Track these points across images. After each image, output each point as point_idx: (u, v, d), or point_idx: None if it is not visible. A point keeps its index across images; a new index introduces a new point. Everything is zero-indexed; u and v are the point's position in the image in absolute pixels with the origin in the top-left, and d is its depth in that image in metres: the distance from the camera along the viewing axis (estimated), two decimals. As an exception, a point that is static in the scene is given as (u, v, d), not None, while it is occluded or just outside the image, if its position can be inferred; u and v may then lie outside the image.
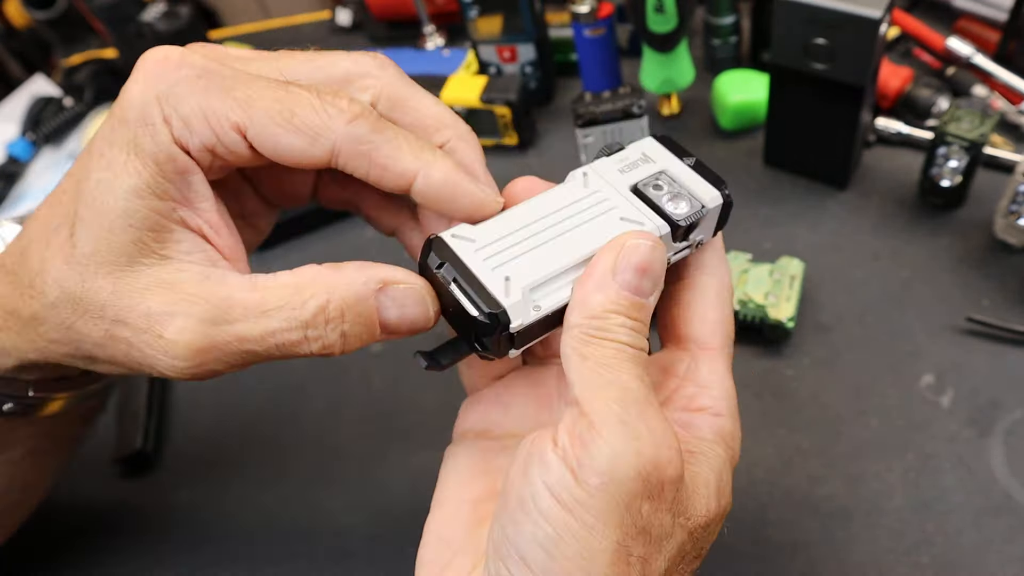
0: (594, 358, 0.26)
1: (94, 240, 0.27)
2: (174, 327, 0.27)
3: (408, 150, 0.28)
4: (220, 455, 0.55)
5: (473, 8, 0.70)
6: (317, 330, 0.28)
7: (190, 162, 0.28)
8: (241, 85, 0.27)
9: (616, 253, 0.27)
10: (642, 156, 0.31)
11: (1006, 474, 0.46)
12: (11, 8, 1.07)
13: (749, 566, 0.45)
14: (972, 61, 0.65)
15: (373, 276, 0.28)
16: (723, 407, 0.30)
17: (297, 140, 0.27)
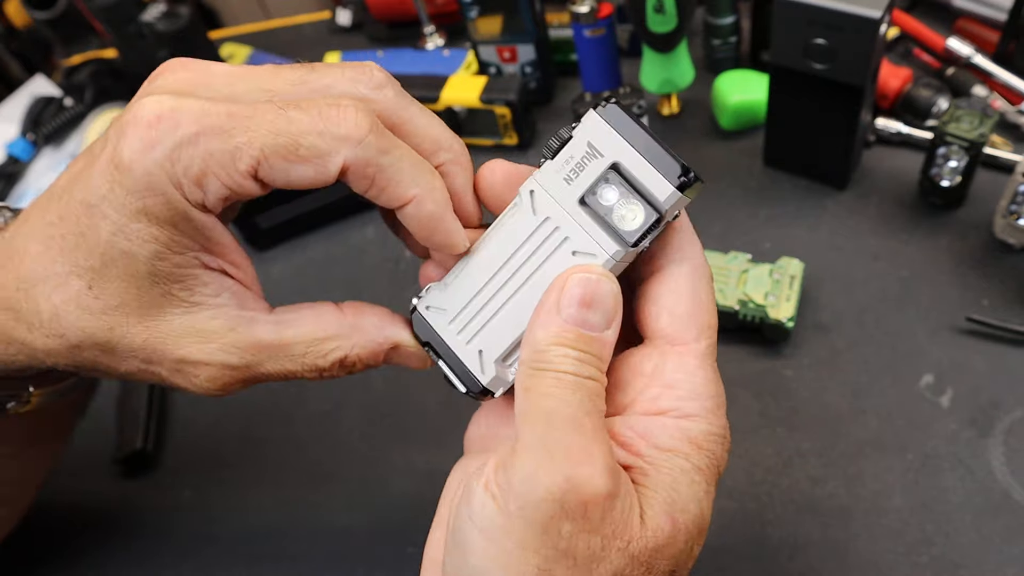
0: (534, 389, 0.26)
1: (121, 294, 0.28)
2: (206, 375, 0.30)
3: (408, 174, 0.28)
4: (220, 455, 0.55)
5: (473, 8, 0.70)
6: (330, 373, 0.31)
7: (207, 217, 0.28)
8: (240, 127, 0.26)
9: (559, 290, 0.27)
10: (588, 148, 0.28)
11: (1006, 474, 0.46)
12: (11, 8, 1.07)
13: (749, 566, 0.45)
14: (972, 61, 0.65)
15: (389, 337, 0.31)
16: (693, 408, 0.28)
17: (306, 170, 0.27)
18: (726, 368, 0.52)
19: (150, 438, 0.55)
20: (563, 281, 0.27)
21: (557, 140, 0.28)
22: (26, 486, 0.44)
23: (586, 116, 0.28)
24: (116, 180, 0.26)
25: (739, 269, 0.54)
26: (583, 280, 0.27)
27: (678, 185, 0.27)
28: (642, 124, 0.27)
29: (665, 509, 0.26)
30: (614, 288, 0.27)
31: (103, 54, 0.90)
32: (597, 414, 0.26)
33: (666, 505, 0.26)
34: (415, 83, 0.70)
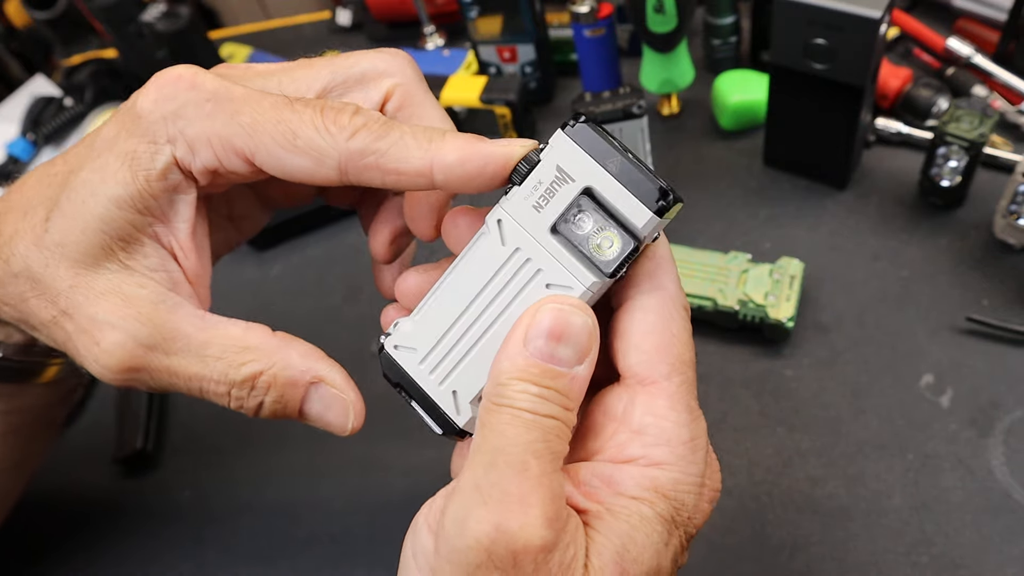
0: (488, 425, 0.25)
1: (65, 233, 0.28)
2: (112, 339, 0.28)
3: (415, 145, 0.27)
4: (220, 455, 0.55)
5: (473, 8, 0.70)
6: (240, 391, 0.29)
7: (184, 183, 0.28)
8: (247, 109, 0.27)
9: (527, 321, 0.26)
10: (558, 173, 0.26)
11: (1006, 474, 0.46)
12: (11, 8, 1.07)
13: (749, 566, 0.45)
14: (972, 61, 0.65)
15: (313, 369, 0.29)
16: (661, 455, 0.26)
17: (303, 162, 0.27)
18: (726, 368, 0.53)
19: (150, 438, 0.55)
20: (533, 312, 0.26)
21: (525, 164, 0.26)
22: (17, 476, 0.44)
23: (554, 136, 0.26)
24: (123, 125, 0.28)
25: (739, 269, 0.54)
26: (554, 311, 0.25)
27: (656, 210, 0.25)
28: (614, 142, 0.25)
29: (614, 558, 0.25)
30: (588, 321, 0.26)
31: (103, 54, 0.90)
32: (550, 456, 0.25)
33: (616, 555, 0.25)
34: (415, 83, 0.70)
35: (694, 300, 0.53)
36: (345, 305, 0.63)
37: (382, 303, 0.34)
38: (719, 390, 0.52)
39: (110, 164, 0.28)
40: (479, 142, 0.26)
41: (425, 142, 0.27)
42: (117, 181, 0.28)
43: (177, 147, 0.27)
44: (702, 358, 0.54)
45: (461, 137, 0.27)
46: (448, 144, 0.26)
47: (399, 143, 0.27)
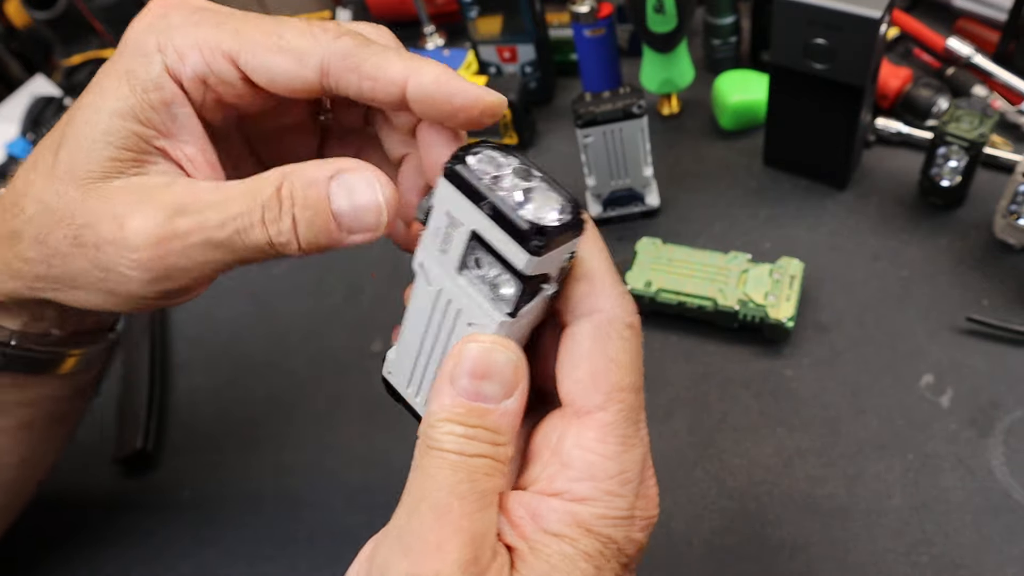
0: (420, 468, 0.25)
1: (72, 156, 0.28)
2: (135, 220, 0.27)
3: (396, 59, 0.27)
4: (220, 455, 0.55)
5: (473, 8, 0.70)
6: (272, 212, 0.27)
7: (178, 93, 0.28)
8: (234, 20, 0.28)
9: (453, 361, 0.26)
10: (448, 218, 0.25)
11: (1006, 474, 0.46)
12: (11, 8, 1.07)
13: (749, 566, 0.45)
14: (972, 61, 0.65)
15: (329, 165, 0.28)
16: (584, 490, 0.26)
17: (285, 61, 0.27)
18: (726, 368, 0.53)
19: (150, 438, 0.55)
20: (457, 351, 0.26)
21: (422, 212, 0.27)
22: (24, 471, 0.44)
23: (438, 181, 0.26)
24: (120, 49, 0.29)
25: (739, 269, 0.54)
26: (474, 350, 0.25)
27: (531, 250, 0.24)
28: (485, 185, 0.25)
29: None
30: (510, 356, 0.26)
31: (103, 54, 0.90)
32: (475, 496, 0.25)
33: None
34: (415, 83, 0.70)
35: (694, 300, 0.53)
36: (345, 305, 0.63)
37: (382, 303, 0.34)
38: (719, 390, 0.52)
39: (109, 84, 0.28)
40: (457, 77, 0.27)
41: (407, 59, 0.27)
42: (116, 97, 0.28)
43: (167, 55, 0.28)
44: (702, 358, 0.54)
45: (441, 67, 0.27)
46: (427, 67, 0.27)
47: (381, 53, 0.27)
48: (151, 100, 0.28)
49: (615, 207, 0.62)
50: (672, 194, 0.64)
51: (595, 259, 0.27)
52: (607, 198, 0.62)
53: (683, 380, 0.53)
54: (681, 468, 0.49)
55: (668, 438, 0.50)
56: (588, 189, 0.62)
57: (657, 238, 0.57)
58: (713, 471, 0.48)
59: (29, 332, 0.36)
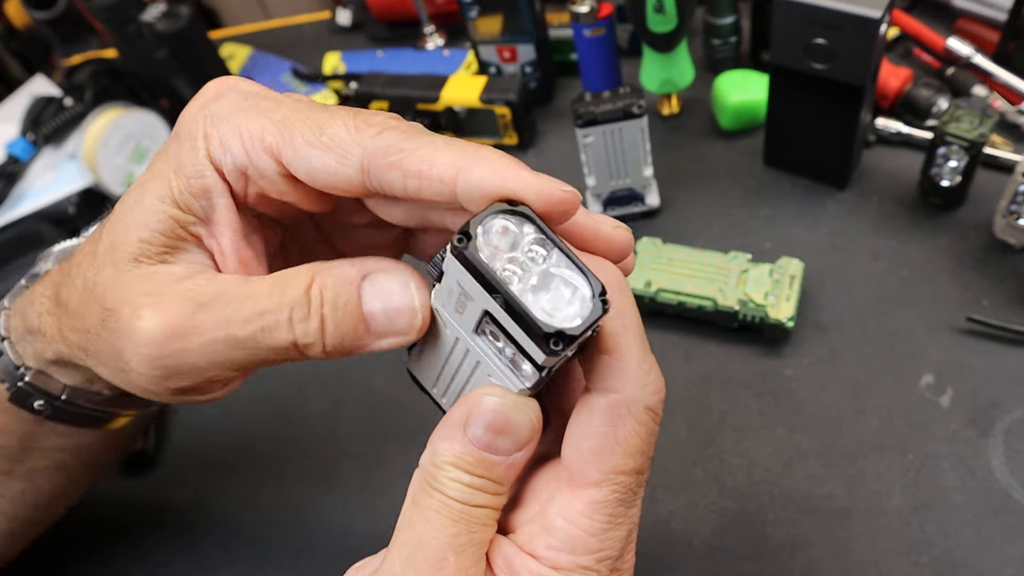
0: (419, 504, 0.25)
1: (114, 236, 0.28)
2: (148, 312, 0.26)
3: (445, 150, 0.25)
4: (220, 455, 0.55)
5: (473, 8, 0.70)
6: (300, 312, 0.26)
7: (218, 183, 0.28)
8: (283, 109, 0.27)
9: (469, 406, 0.25)
10: (460, 288, 0.24)
11: (1006, 474, 0.46)
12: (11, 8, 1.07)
13: (749, 566, 0.45)
14: (972, 61, 0.65)
15: (361, 265, 0.26)
16: (560, 560, 0.25)
17: (326, 159, 0.26)
18: (726, 368, 0.53)
19: (150, 438, 0.55)
20: (477, 399, 0.25)
21: (435, 268, 0.25)
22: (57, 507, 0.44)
23: (446, 254, 0.24)
24: (174, 132, 0.29)
25: (739, 269, 0.54)
26: (496, 405, 0.25)
27: (549, 352, 0.23)
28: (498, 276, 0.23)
29: None
30: (531, 416, 0.25)
31: (103, 54, 0.90)
32: (472, 549, 0.25)
33: None
34: (415, 83, 0.70)
35: (694, 300, 0.53)
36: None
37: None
38: (719, 390, 0.52)
39: (159, 167, 0.28)
40: (511, 168, 0.24)
41: (457, 150, 0.25)
42: (161, 180, 0.28)
43: (211, 143, 0.27)
44: (702, 358, 0.54)
45: (496, 160, 0.25)
46: (480, 158, 0.24)
47: (427, 145, 0.25)
48: (192, 187, 0.27)
49: (615, 207, 0.62)
50: (672, 194, 0.64)
51: (623, 333, 0.25)
52: (607, 198, 0.62)
53: (683, 380, 0.53)
54: (681, 468, 0.49)
55: (668, 438, 0.50)
56: (588, 189, 0.62)
57: (657, 238, 0.57)
58: (713, 471, 0.48)
59: (80, 388, 0.35)
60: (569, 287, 0.23)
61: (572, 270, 0.23)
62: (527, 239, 0.24)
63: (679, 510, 0.47)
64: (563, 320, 0.23)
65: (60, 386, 0.35)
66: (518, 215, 0.24)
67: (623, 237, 0.27)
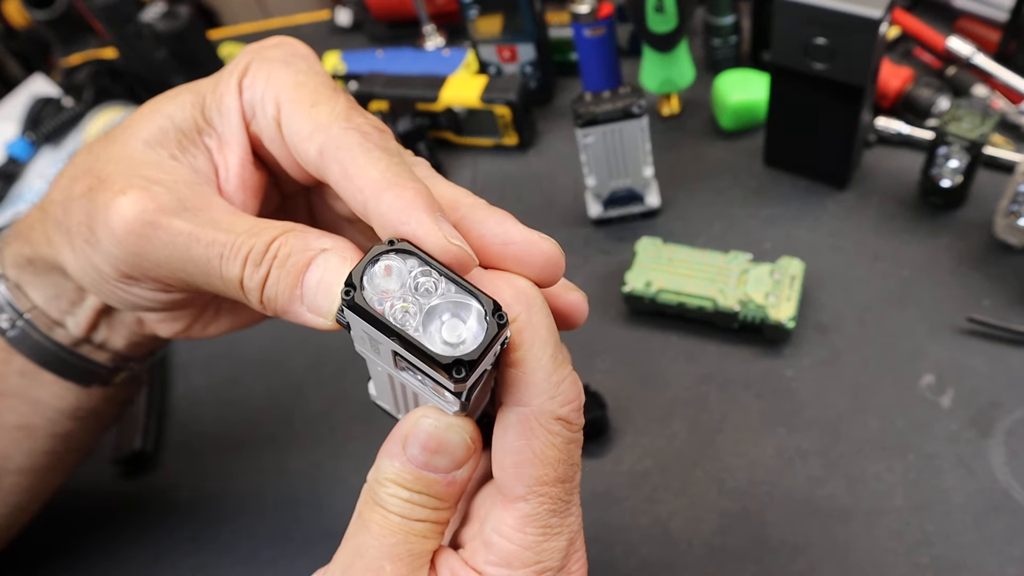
0: (364, 518, 0.26)
1: (132, 120, 0.31)
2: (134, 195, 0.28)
3: (379, 170, 0.26)
4: (220, 455, 0.55)
5: (473, 8, 0.69)
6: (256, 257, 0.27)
7: (238, 107, 0.30)
8: (310, 76, 0.29)
9: (408, 426, 0.26)
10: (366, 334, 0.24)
11: (1006, 474, 0.45)
12: (11, 8, 1.07)
13: (749, 566, 0.45)
14: (972, 61, 0.65)
15: (332, 241, 0.27)
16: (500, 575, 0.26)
17: (302, 127, 0.28)
18: (726, 368, 0.53)
19: (149, 438, 0.55)
20: (414, 420, 0.26)
21: (342, 319, 0.25)
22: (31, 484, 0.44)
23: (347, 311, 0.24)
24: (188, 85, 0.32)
25: (739, 269, 0.54)
26: (430, 428, 0.26)
27: (457, 380, 0.23)
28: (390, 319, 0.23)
29: None
30: (464, 436, 0.26)
31: (102, 54, 0.90)
32: (409, 559, 0.26)
33: None
34: (415, 83, 0.70)
35: (694, 300, 0.53)
36: (345, 305, 0.63)
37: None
38: (719, 390, 0.52)
39: (198, 84, 0.31)
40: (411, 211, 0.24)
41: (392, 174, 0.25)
42: (195, 92, 0.31)
43: (246, 75, 0.30)
44: (702, 358, 0.54)
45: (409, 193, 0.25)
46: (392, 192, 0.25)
47: (372, 159, 0.26)
48: (218, 102, 0.30)
49: (615, 207, 0.62)
50: (672, 194, 0.64)
51: (527, 347, 0.25)
52: (607, 198, 0.62)
53: (683, 380, 0.53)
54: (681, 468, 0.49)
55: (668, 438, 0.50)
56: (588, 189, 0.62)
57: (657, 238, 0.57)
58: (713, 471, 0.48)
59: (46, 313, 0.36)
60: (465, 310, 0.24)
61: (462, 294, 0.24)
62: (412, 273, 0.24)
63: (679, 510, 0.47)
64: (467, 344, 0.23)
65: (28, 304, 0.36)
66: (400, 252, 0.24)
67: (546, 250, 0.26)
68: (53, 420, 0.40)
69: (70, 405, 0.40)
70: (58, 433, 0.41)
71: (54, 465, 0.43)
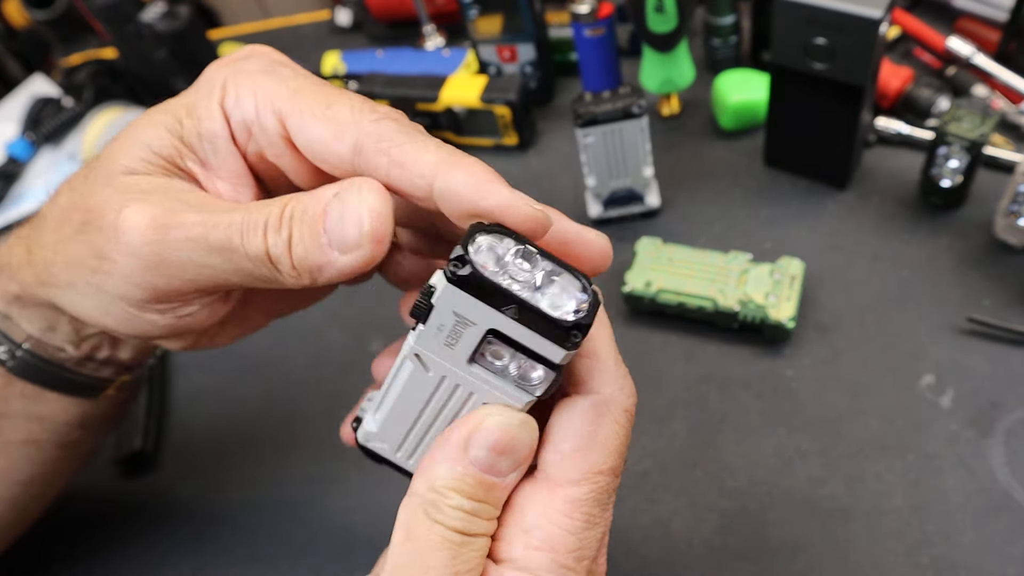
0: (416, 538, 0.25)
1: (113, 150, 0.29)
2: (137, 205, 0.27)
3: (433, 151, 0.26)
4: (220, 455, 0.55)
5: (473, 8, 0.69)
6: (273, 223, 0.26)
7: (224, 131, 0.29)
8: (300, 81, 0.28)
9: (471, 426, 0.25)
10: (456, 317, 0.24)
11: (1006, 474, 0.46)
12: (11, 8, 1.07)
13: (749, 566, 0.45)
14: (972, 61, 0.65)
15: (339, 186, 0.26)
16: (541, 560, 0.25)
17: (324, 131, 0.27)
18: (726, 368, 0.53)
19: (149, 438, 0.55)
20: (479, 419, 0.25)
21: (423, 302, 0.24)
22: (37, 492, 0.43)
23: (436, 279, 0.24)
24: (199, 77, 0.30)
25: (739, 269, 0.54)
26: (501, 424, 0.25)
27: (569, 347, 0.24)
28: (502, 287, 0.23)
29: None
30: (532, 436, 0.26)
31: (102, 54, 0.90)
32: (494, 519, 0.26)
33: None
34: (415, 83, 0.70)
35: (694, 300, 0.53)
36: (344, 305, 0.63)
37: (382, 303, 0.34)
38: (719, 390, 0.52)
39: (173, 104, 0.30)
40: (488, 183, 0.25)
41: (444, 152, 0.26)
42: (171, 116, 0.29)
43: (227, 94, 0.29)
44: (702, 358, 0.54)
45: (477, 168, 0.25)
46: (462, 169, 0.25)
47: (419, 141, 0.26)
48: (198, 127, 0.29)
49: (615, 207, 0.62)
50: (672, 194, 0.64)
51: (601, 337, 0.27)
52: (607, 198, 0.62)
53: (683, 380, 0.53)
54: (681, 468, 0.49)
55: (668, 438, 0.50)
56: (588, 189, 0.62)
57: (657, 238, 0.57)
58: (713, 471, 0.48)
59: (43, 341, 0.36)
60: (559, 287, 0.24)
61: (559, 272, 0.24)
62: (510, 252, 0.24)
63: (679, 510, 0.47)
64: (569, 314, 0.24)
65: (23, 334, 0.35)
66: (495, 232, 0.24)
67: (602, 245, 0.27)
68: (60, 432, 0.40)
69: (76, 417, 0.39)
70: (66, 443, 0.40)
71: (62, 471, 0.43)
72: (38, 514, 0.45)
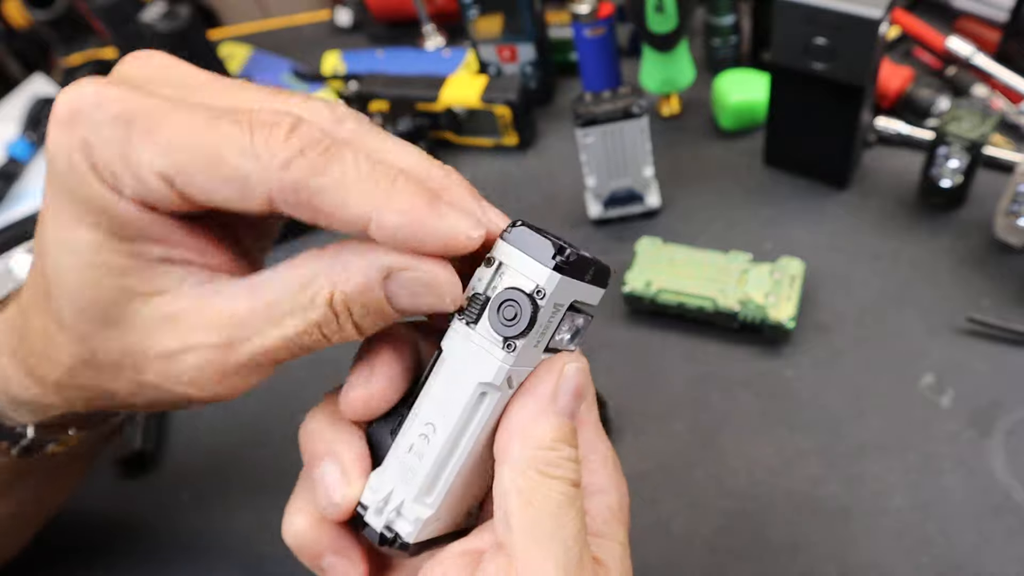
0: (539, 505, 0.24)
1: (73, 303, 0.25)
2: (193, 363, 0.25)
3: (357, 190, 0.23)
4: (220, 455, 0.55)
5: (473, 8, 0.69)
6: (330, 326, 0.25)
7: (141, 213, 0.24)
8: (166, 125, 0.23)
9: (556, 377, 0.25)
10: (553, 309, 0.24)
11: (1006, 474, 0.46)
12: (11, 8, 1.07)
13: (749, 566, 0.45)
14: (972, 61, 0.65)
15: (375, 263, 0.24)
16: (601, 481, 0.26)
17: (227, 192, 0.23)
18: (726, 368, 0.53)
19: (150, 438, 0.55)
20: (559, 368, 0.25)
21: (476, 306, 0.24)
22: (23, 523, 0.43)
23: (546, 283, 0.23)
24: (48, 167, 0.24)
25: (739, 269, 0.54)
26: (579, 371, 0.25)
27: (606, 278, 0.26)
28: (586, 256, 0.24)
29: None
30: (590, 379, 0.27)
31: (103, 54, 0.90)
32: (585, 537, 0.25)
33: None
34: (415, 83, 0.70)
35: (694, 300, 0.53)
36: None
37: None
38: (719, 390, 0.52)
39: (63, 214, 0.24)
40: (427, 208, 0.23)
41: (371, 188, 0.23)
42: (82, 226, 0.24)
43: (102, 173, 0.23)
44: (702, 358, 0.54)
45: (410, 197, 0.23)
46: (394, 201, 0.23)
47: (338, 182, 0.23)
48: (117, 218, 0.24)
49: (615, 207, 0.62)
50: (672, 194, 0.64)
51: None
52: (607, 198, 0.62)
53: (683, 380, 0.53)
54: (681, 468, 0.49)
55: (668, 438, 0.50)
56: (588, 189, 0.62)
57: (657, 238, 0.57)
58: (713, 471, 0.48)
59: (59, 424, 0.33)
60: None
61: None
62: None
63: (679, 510, 0.47)
64: None
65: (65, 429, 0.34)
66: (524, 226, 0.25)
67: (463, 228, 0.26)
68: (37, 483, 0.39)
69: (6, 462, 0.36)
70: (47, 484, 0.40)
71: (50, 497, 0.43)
72: (27, 540, 0.45)
